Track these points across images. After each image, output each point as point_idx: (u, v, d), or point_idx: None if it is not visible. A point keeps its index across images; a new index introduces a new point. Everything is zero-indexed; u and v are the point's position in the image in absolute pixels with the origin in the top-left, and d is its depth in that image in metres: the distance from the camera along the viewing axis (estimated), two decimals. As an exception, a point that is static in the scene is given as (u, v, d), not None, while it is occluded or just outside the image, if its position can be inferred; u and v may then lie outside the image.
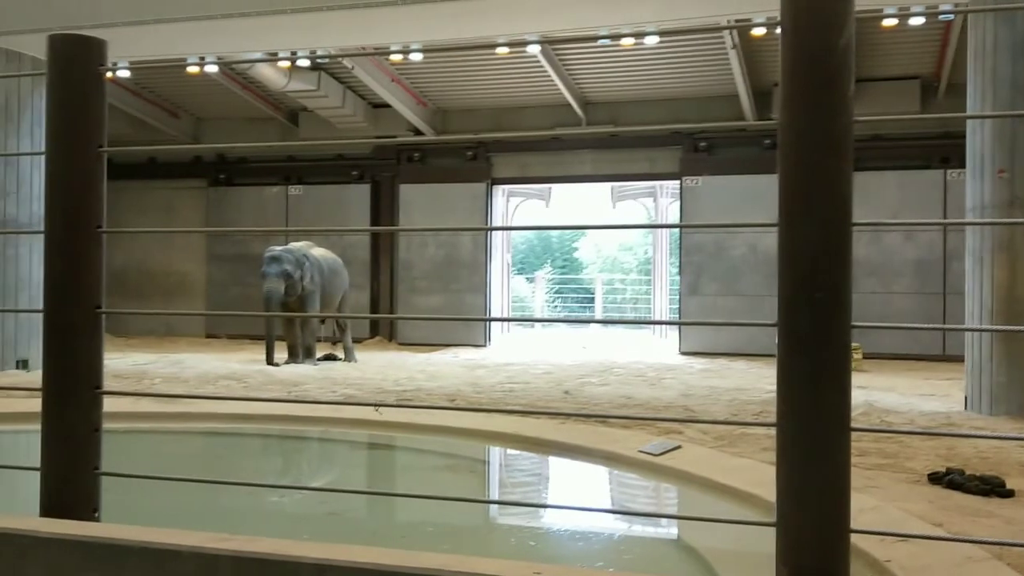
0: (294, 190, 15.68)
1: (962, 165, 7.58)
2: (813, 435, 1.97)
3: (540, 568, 1.79)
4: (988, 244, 7.25)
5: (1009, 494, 4.30)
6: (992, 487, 4.34)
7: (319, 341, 11.67)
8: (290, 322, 10.90)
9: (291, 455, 6.76)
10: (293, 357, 10.91)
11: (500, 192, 15.84)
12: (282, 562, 1.87)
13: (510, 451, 6.20)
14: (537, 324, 21.61)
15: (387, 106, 14.23)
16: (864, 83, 12.65)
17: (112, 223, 2.45)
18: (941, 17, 10.54)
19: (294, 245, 11.10)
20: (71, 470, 2.35)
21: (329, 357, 11.59)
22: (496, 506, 4.67)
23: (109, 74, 2.41)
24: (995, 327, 6.50)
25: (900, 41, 11.97)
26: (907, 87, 12.85)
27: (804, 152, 1.95)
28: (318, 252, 11.33)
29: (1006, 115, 5.34)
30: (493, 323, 15.39)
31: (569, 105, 13.90)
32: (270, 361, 10.58)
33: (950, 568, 2.90)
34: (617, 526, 4.31)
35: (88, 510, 2.34)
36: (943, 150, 12.64)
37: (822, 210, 1.95)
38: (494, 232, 15.72)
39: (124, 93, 14.27)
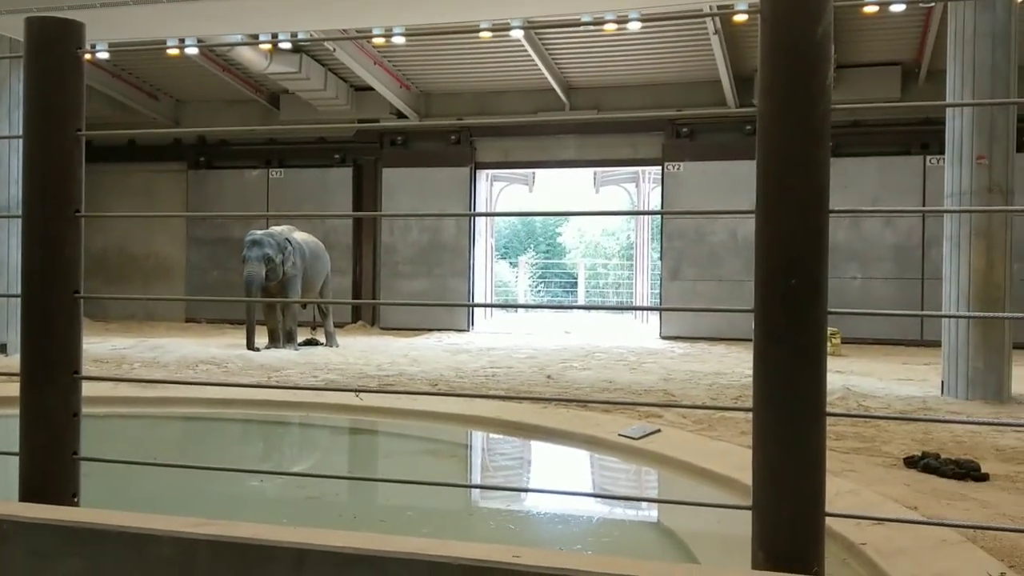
0: (275, 173, 15.59)
1: (942, 151, 7.64)
2: (789, 420, 1.98)
3: (520, 552, 1.81)
4: (966, 230, 7.31)
5: (984, 478, 4.36)
6: (967, 471, 4.40)
7: (300, 326, 11.64)
8: (271, 307, 10.86)
9: (272, 440, 6.76)
10: (274, 342, 10.88)
11: (484, 177, 15.81)
12: (261, 547, 1.87)
13: (492, 436, 6.23)
14: (520, 309, 21.64)
15: (370, 89, 14.15)
16: (845, 69, 12.71)
17: (91, 206, 2.44)
18: (922, 3, 10.58)
19: (275, 229, 11.04)
20: (50, 455, 2.35)
21: (310, 342, 11.57)
22: (477, 491, 4.70)
23: (88, 56, 2.39)
24: (971, 314, 6.55)
25: (881, 27, 12.01)
26: (888, 73, 12.91)
27: (782, 139, 1.96)
28: (300, 236, 11.28)
29: (984, 103, 5.38)
30: (476, 308, 15.39)
31: (552, 90, 13.88)
32: (251, 346, 10.55)
33: (925, 551, 2.94)
34: (597, 509, 4.34)
35: (67, 495, 2.34)
36: (923, 136, 12.73)
37: (799, 197, 1.96)
38: (477, 217, 15.70)
39: (103, 75, 14.11)
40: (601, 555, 3.51)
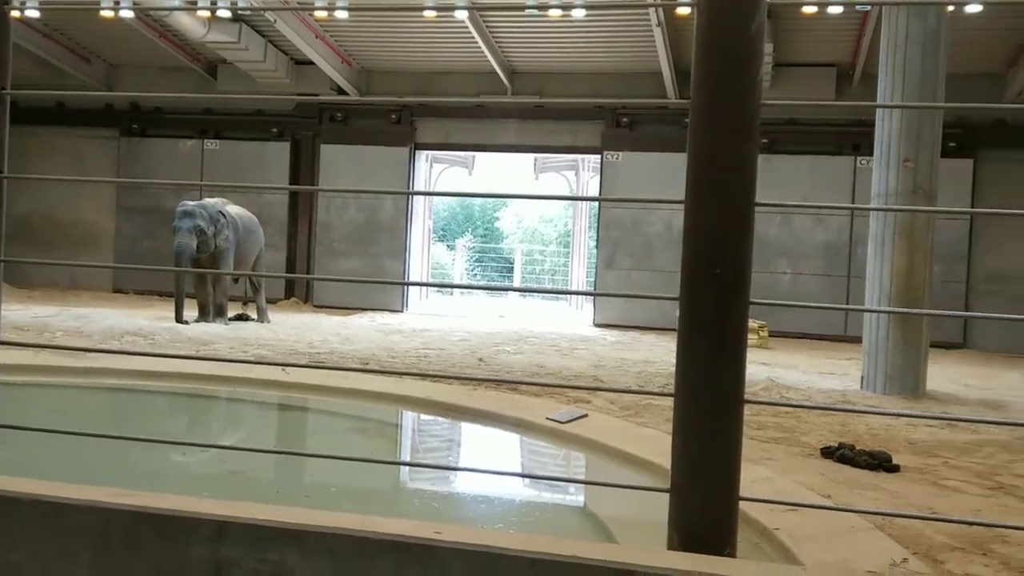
0: (210, 144, 15.28)
1: (872, 153, 7.84)
2: (708, 406, 2.04)
3: (441, 528, 1.83)
4: (890, 231, 7.53)
5: (895, 469, 4.52)
6: (880, 462, 4.55)
7: (232, 300, 11.46)
8: (201, 279, 10.66)
9: (197, 414, 6.67)
10: (204, 316, 10.69)
11: (423, 157, 15.73)
12: (181, 518, 1.86)
13: (422, 416, 6.24)
14: (456, 291, 21.64)
15: (310, 63, 13.94)
16: (783, 68, 12.95)
17: (17, 168, 2.38)
18: (858, 7, 10.82)
19: (209, 201, 10.84)
20: (-37, 421, 2.29)
21: (241, 317, 11.40)
22: (404, 470, 4.71)
23: (16, 13, 2.32)
24: (891, 309, 6.74)
25: (819, 28, 12.26)
26: (823, 74, 13.19)
27: (712, 132, 2.01)
28: (234, 209, 11.09)
29: (909, 106, 5.53)
30: (411, 289, 15.34)
31: (495, 73, 13.85)
32: (179, 319, 10.35)
33: (834, 536, 3.06)
34: (521, 491, 4.39)
35: (-19, 462, 2.29)
36: (854, 137, 13.03)
37: (727, 189, 2.01)
38: (416, 197, 15.62)
39: (33, 34, 13.63)
40: (520, 534, 3.55)
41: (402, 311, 14.55)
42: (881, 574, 2.67)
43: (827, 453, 4.76)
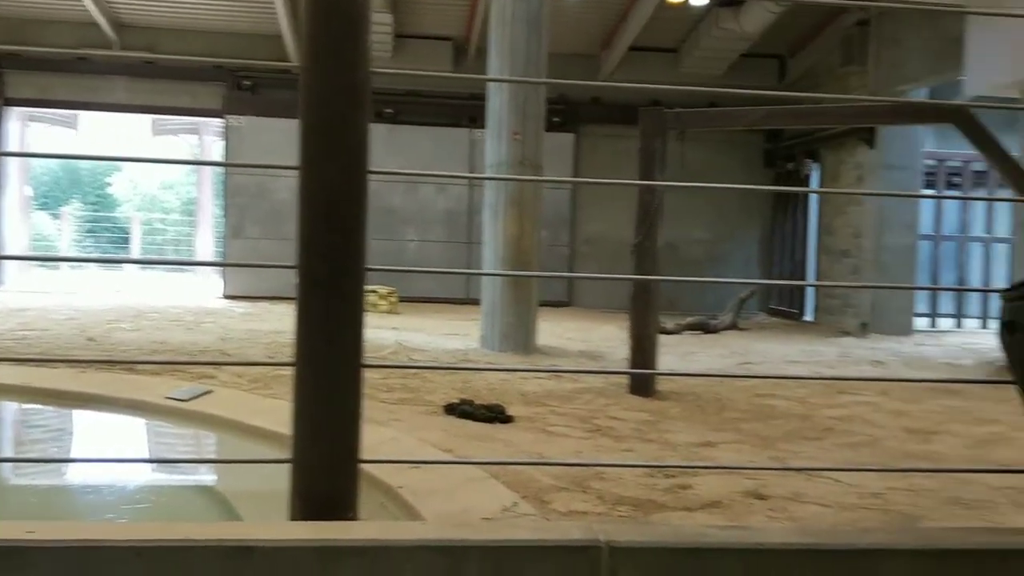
0: None
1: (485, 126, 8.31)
2: (327, 373, 2.04)
3: (34, 526, 1.65)
4: (503, 199, 8.07)
5: (509, 420, 4.87)
6: (496, 415, 4.89)
7: None
8: None
9: None
10: None
11: (14, 115, 13.96)
12: None
13: (22, 405, 5.58)
14: (63, 265, 19.63)
15: None
16: (404, 39, 13.27)
17: None
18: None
19: None
20: None
21: None
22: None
23: None
24: (502, 272, 7.28)
25: (436, 2, 12.70)
26: (442, 47, 13.72)
27: (323, 98, 1.99)
28: None
29: (507, 80, 5.98)
30: (7, 263, 13.63)
31: (98, 24, 12.64)
32: None
33: (454, 489, 3.23)
34: (136, 476, 4.11)
35: None
36: (471, 110, 13.71)
37: (339, 156, 2.01)
38: (7, 160, 13.84)
39: None
40: (124, 523, 3.32)
41: (-5, 288, 12.90)
42: (495, 518, 2.87)
43: (450, 410, 5.01)
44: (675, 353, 8.24)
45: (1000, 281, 12.58)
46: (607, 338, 9.45)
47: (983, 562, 1.79)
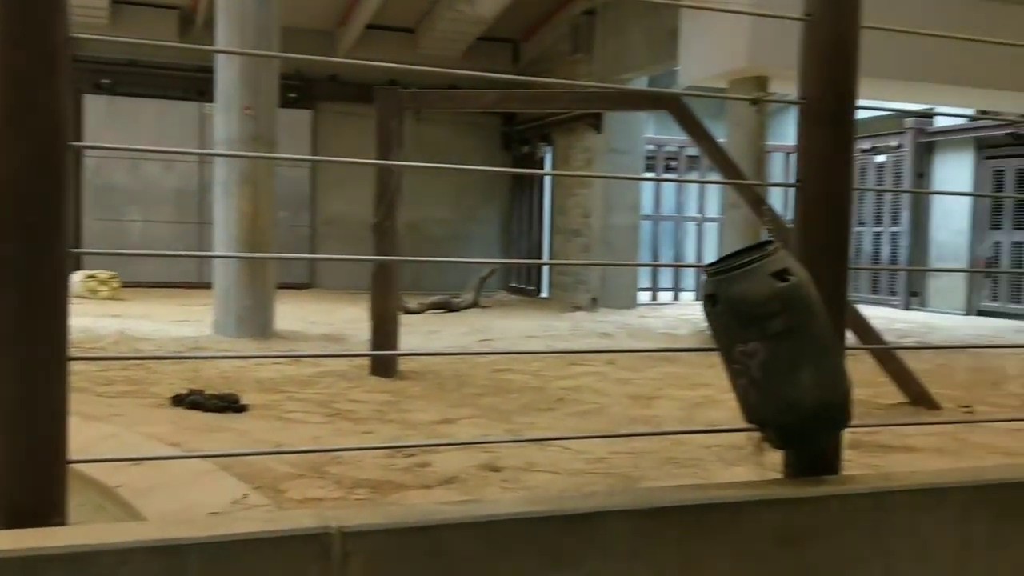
0: None
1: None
2: (26, 369, 1.86)
3: None
4: (235, 176, 7.72)
5: (243, 409, 4.68)
6: (228, 404, 4.68)
7: None
8: None
9: None
10: None
11: None
12: None
13: None
14: None
15: None
16: (124, 5, 12.35)
17: None
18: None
19: None
20: None
21: None
22: None
23: None
24: (235, 254, 6.97)
25: (160, -32, 11.92)
26: (166, 16, 12.90)
27: (14, 64, 1.80)
28: None
29: (236, 52, 5.74)
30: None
31: None
32: None
33: (180, 484, 3.06)
34: None
35: None
36: (200, 84, 12.95)
37: (34, 128, 1.83)
38: None
39: None
40: None
41: None
42: (222, 512, 2.75)
43: (178, 401, 4.74)
44: (418, 332, 8.31)
45: (711, 257, 13.84)
46: (350, 320, 9.35)
47: (689, 516, 1.95)
